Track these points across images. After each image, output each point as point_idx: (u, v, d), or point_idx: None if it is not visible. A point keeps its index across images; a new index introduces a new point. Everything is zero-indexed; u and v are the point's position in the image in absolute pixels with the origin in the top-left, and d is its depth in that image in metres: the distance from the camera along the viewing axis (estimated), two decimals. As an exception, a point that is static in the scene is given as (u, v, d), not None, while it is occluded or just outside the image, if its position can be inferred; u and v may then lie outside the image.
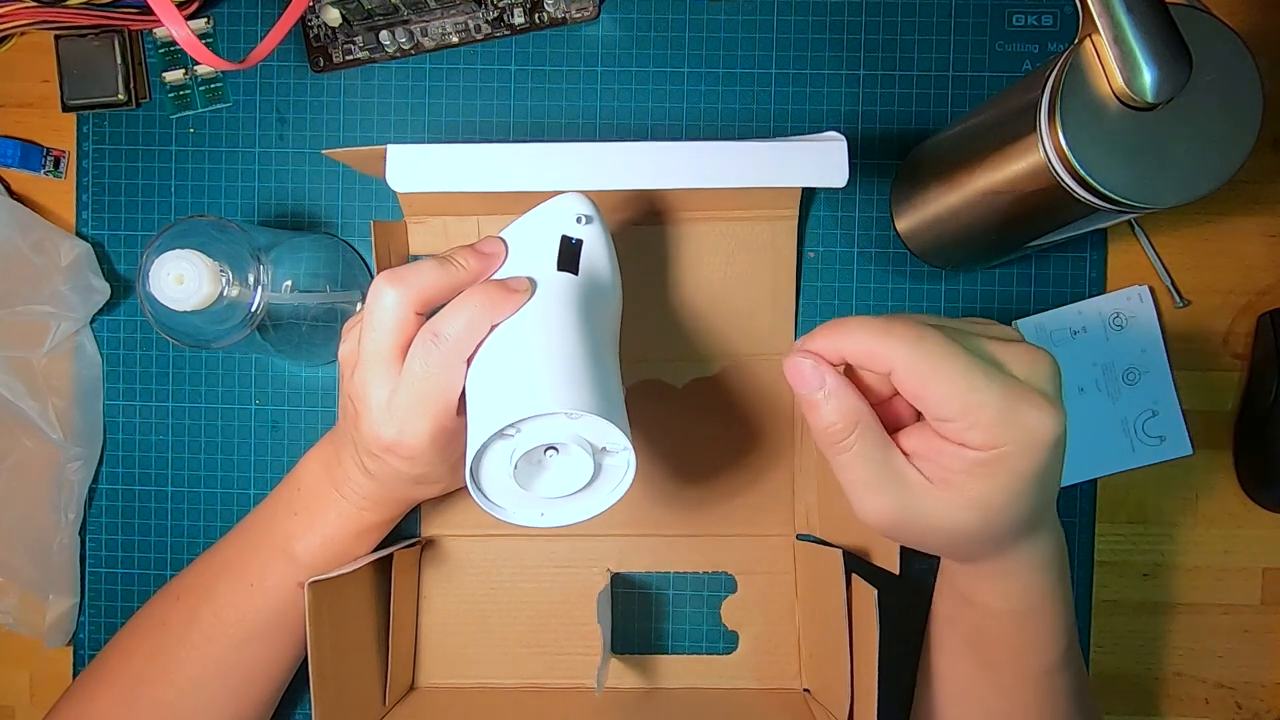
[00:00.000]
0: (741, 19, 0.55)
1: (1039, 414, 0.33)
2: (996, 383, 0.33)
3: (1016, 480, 0.34)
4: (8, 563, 0.54)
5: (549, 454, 0.39)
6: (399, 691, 0.52)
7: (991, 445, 0.33)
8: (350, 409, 0.43)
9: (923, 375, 0.33)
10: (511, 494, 0.39)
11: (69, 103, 0.54)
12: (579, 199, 0.44)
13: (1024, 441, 0.33)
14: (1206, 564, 0.55)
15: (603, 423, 0.36)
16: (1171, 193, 0.36)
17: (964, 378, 0.33)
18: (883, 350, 0.34)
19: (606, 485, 0.40)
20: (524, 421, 0.37)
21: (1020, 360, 0.34)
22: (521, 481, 0.38)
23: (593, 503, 0.40)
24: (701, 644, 0.55)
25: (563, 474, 0.39)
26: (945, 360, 0.33)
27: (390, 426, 0.41)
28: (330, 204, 0.56)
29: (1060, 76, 0.36)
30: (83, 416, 0.55)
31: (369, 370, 0.41)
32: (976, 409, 0.33)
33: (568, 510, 0.40)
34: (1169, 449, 0.54)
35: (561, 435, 0.37)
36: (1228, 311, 0.55)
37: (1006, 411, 0.33)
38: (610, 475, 0.39)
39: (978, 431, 0.33)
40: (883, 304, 0.55)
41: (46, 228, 0.54)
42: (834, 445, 0.36)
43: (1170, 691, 0.55)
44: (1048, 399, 0.34)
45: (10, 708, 0.56)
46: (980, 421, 0.33)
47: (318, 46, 0.55)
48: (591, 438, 0.38)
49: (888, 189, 0.55)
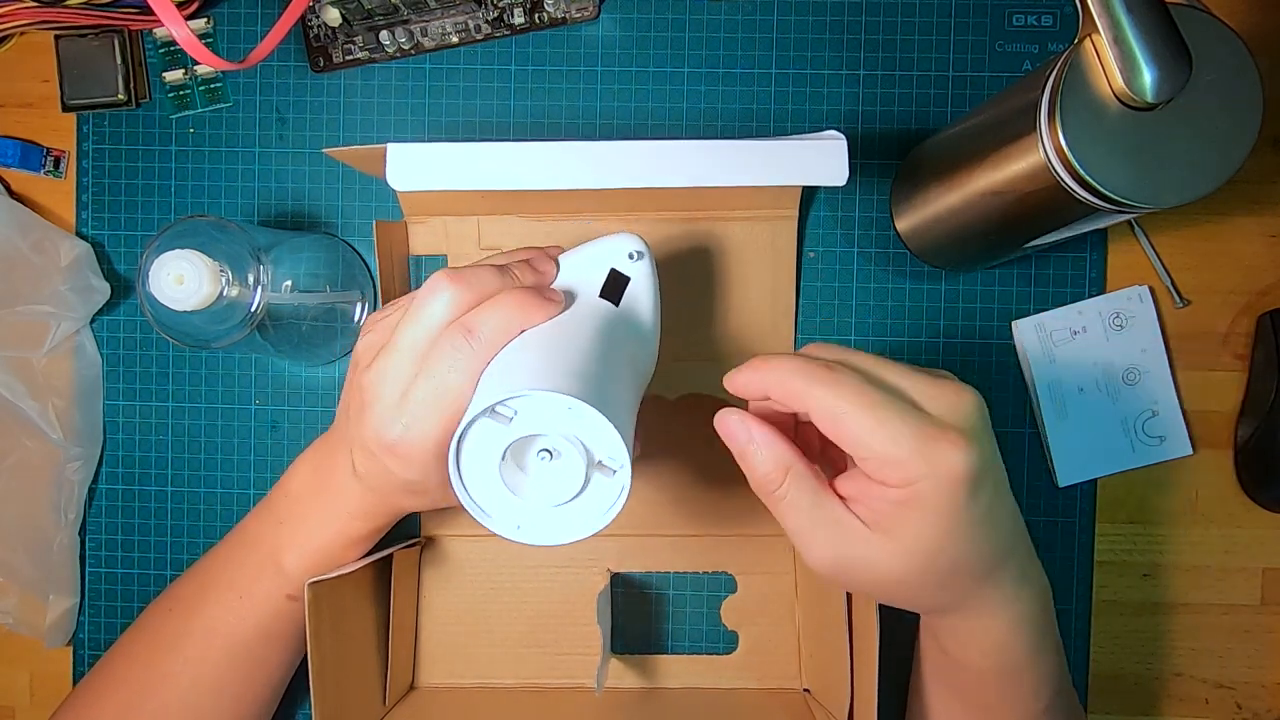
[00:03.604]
0: (741, 19, 0.55)
1: (952, 450, 0.33)
2: (910, 420, 0.33)
3: (940, 519, 0.34)
4: (8, 563, 0.54)
5: (540, 456, 0.36)
6: (399, 691, 0.53)
7: (907, 482, 0.33)
8: (356, 402, 0.42)
9: (836, 414, 0.34)
10: (494, 493, 0.37)
11: (69, 103, 0.54)
12: (635, 238, 0.43)
13: (938, 478, 0.33)
14: (1206, 564, 0.55)
15: (605, 426, 0.34)
16: (1171, 193, 0.36)
17: (874, 415, 0.33)
18: (799, 389, 0.34)
19: (595, 506, 0.37)
20: (521, 400, 0.35)
21: (939, 398, 0.35)
22: (507, 479, 0.36)
23: (577, 524, 0.37)
24: (701, 644, 0.55)
25: (551, 481, 0.37)
26: (857, 398, 0.34)
27: (397, 424, 0.40)
28: (330, 204, 0.56)
29: (1060, 76, 0.36)
30: (83, 416, 0.55)
31: (395, 360, 0.40)
32: (889, 445, 0.33)
33: (548, 528, 0.37)
34: (1169, 449, 0.54)
35: (559, 428, 0.35)
36: (1228, 311, 0.55)
37: (918, 448, 0.33)
38: (601, 495, 0.37)
39: (892, 469, 0.33)
40: (883, 304, 0.55)
41: (46, 228, 0.54)
42: (770, 495, 0.36)
43: (1170, 691, 0.55)
44: (963, 435, 0.34)
45: (10, 708, 0.56)
46: (893, 458, 0.33)
47: (318, 46, 0.55)
48: (590, 443, 0.36)
49: (888, 189, 0.55)
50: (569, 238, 0.53)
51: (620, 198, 0.52)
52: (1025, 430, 0.55)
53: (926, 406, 0.34)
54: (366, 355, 0.43)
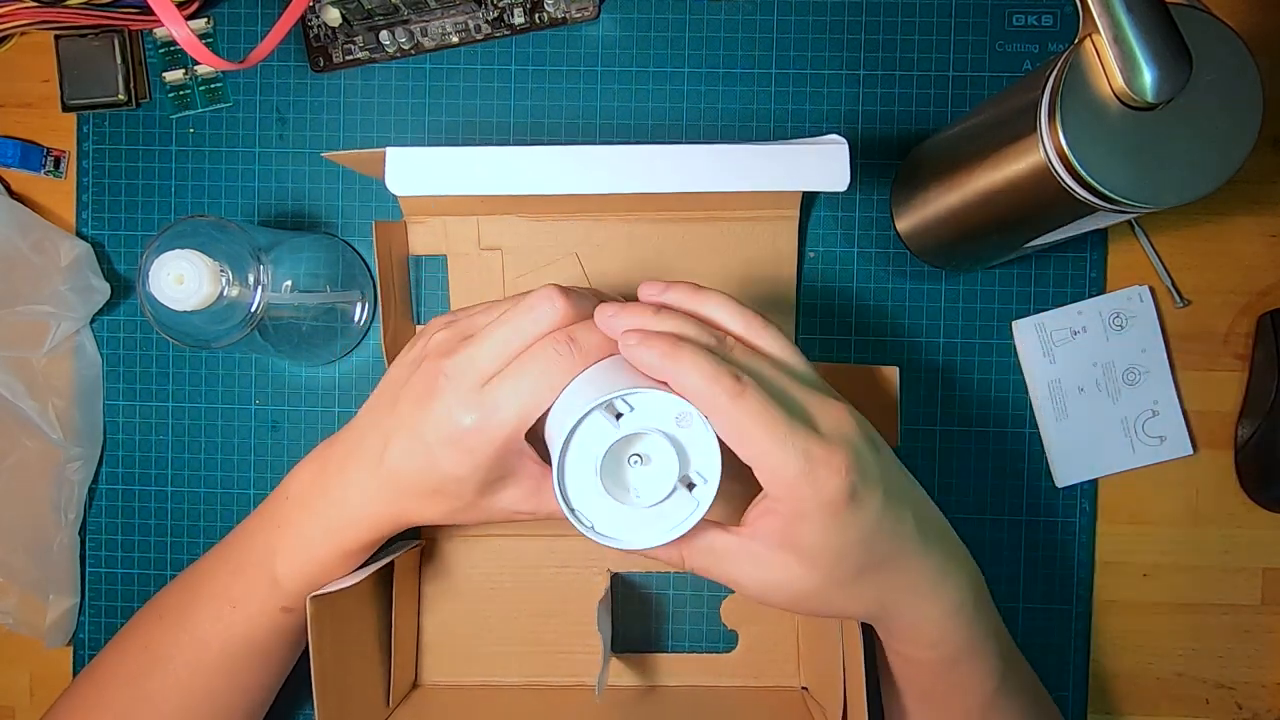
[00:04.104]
0: (741, 19, 0.55)
1: (833, 473, 0.36)
2: (800, 441, 0.36)
3: (831, 531, 0.37)
4: (8, 563, 0.54)
5: (632, 461, 0.37)
6: (402, 690, 0.53)
7: (797, 500, 0.36)
8: (422, 389, 0.41)
9: (740, 432, 0.36)
10: (589, 489, 0.37)
11: (69, 103, 0.54)
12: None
13: (820, 498, 0.36)
14: (1206, 564, 0.55)
15: (710, 439, 0.36)
16: (1171, 193, 0.36)
17: (772, 436, 0.36)
18: (706, 395, 0.36)
19: (672, 517, 0.37)
20: (641, 397, 0.36)
21: (827, 417, 0.37)
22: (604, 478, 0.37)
23: (648, 531, 0.37)
24: (701, 643, 0.55)
25: (641, 486, 0.37)
26: (761, 416, 0.36)
27: (471, 412, 0.39)
28: (330, 204, 0.56)
29: (1060, 76, 0.36)
30: (83, 416, 0.54)
31: (486, 350, 0.40)
32: (782, 467, 0.36)
33: (624, 530, 0.37)
34: (1169, 449, 0.54)
35: (671, 427, 0.36)
36: (1228, 311, 0.55)
37: (806, 470, 0.36)
38: (679, 508, 0.37)
39: (782, 488, 0.36)
40: (883, 304, 0.55)
41: (46, 228, 0.54)
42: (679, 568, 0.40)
43: (1170, 691, 0.55)
44: (845, 455, 0.36)
45: (10, 708, 0.56)
46: (783, 479, 0.36)
47: (318, 46, 0.55)
48: (692, 453, 0.37)
49: (888, 189, 0.55)
50: (570, 239, 0.54)
51: (621, 199, 0.52)
52: (1025, 430, 0.55)
53: (818, 424, 0.37)
54: (447, 344, 0.42)
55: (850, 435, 0.37)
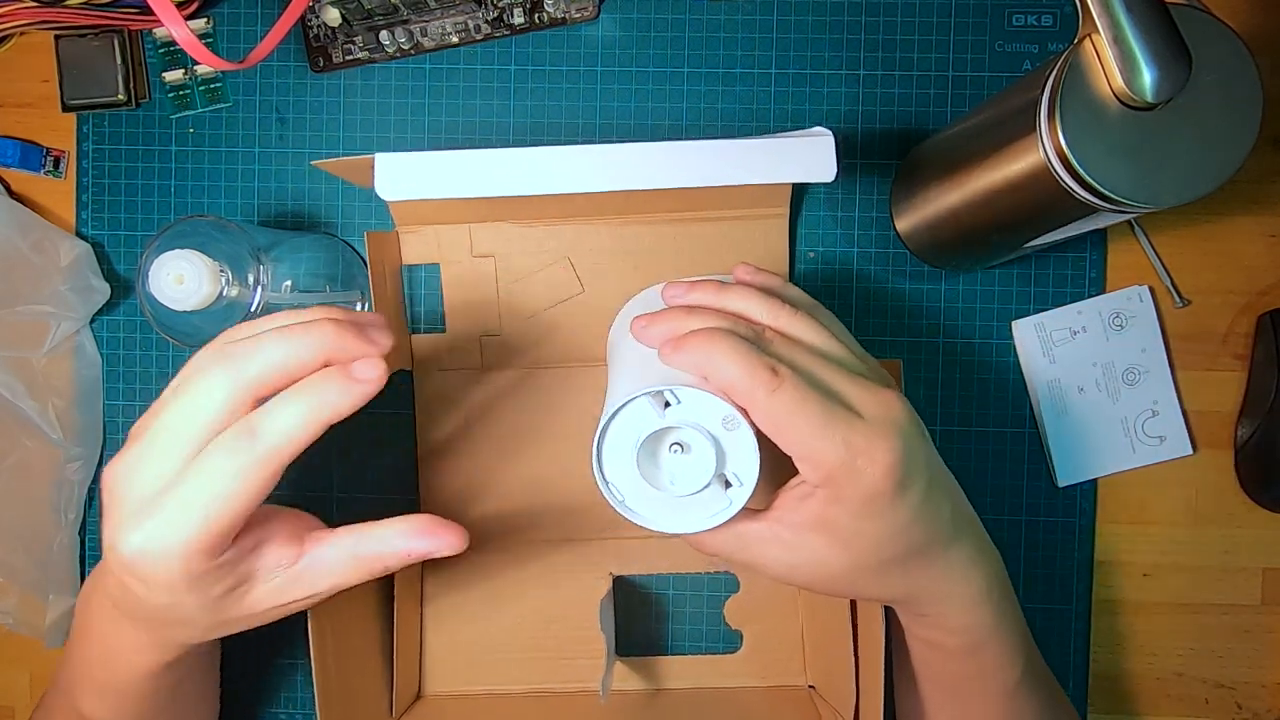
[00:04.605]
0: (741, 19, 0.55)
1: (876, 461, 0.35)
2: (840, 429, 0.35)
3: (870, 518, 0.37)
4: (8, 563, 0.54)
5: (673, 449, 0.38)
6: (406, 702, 0.52)
7: (837, 486, 0.36)
8: (105, 496, 0.36)
9: (777, 421, 0.36)
10: (626, 471, 0.37)
11: (69, 103, 0.54)
12: None
13: (861, 485, 0.36)
14: (1206, 564, 0.55)
15: (752, 446, 0.37)
16: (1171, 193, 0.36)
17: (810, 425, 0.35)
18: (743, 389, 0.36)
19: (705, 509, 0.38)
20: (694, 392, 0.36)
21: (871, 404, 0.37)
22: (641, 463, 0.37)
23: (681, 518, 0.38)
24: (703, 644, 0.55)
25: (678, 474, 0.38)
26: (799, 406, 0.35)
27: (139, 532, 0.33)
28: (330, 204, 0.56)
29: (1060, 76, 0.36)
30: (83, 416, 0.54)
31: (157, 448, 0.34)
32: (822, 455, 0.35)
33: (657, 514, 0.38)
34: (1169, 449, 0.54)
35: (716, 426, 0.37)
36: (1228, 311, 0.55)
37: (847, 459, 0.35)
38: (713, 502, 0.38)
39: (823, 474, 0.36)
40: (882, 304, 0.55)
41: (46, 228, 0.54)
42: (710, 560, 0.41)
43: (1170, 691, 0.55)
44: (889, 443, 0.36)
45: (10, 708, 0.56)
46: (824, 466, 0.36)
47: (318, 46, 0.55)
48: (731, 452, 0.37)
49: (888, 189, 0.55)
50: (562, 243, 0.54)
51: (612, 202, 0.52)
52: (1025, 430, 0.55)
53: (861, 411, 0.37)
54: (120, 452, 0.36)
55: (896, 422, 0.37)
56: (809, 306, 0.42)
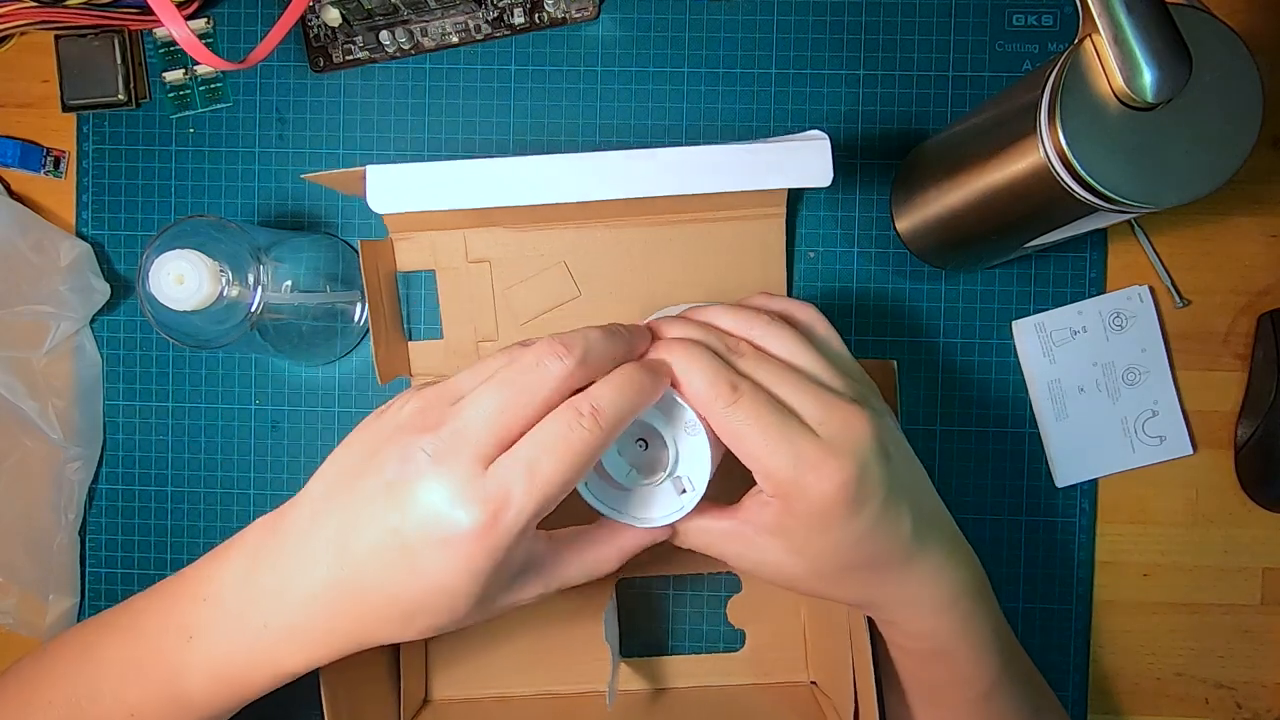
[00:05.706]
0: (741, 19, 0.55)
1: (825, 478, 0.36)
2: (794, 444, 0.36)
3: (819, 531, 0.37)
4: (8, 563, 0.54)
5: (639, 444, 0.39)
6: (413, 707, 0.52)
7: (787, 499, 0.37)
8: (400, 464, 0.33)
9: (735, 433, 0.36)
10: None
11: (69, 103, 0.54)
12: None
13: (810, 500, 0.36)
14: (1206, 564, 0.55)
15: (709, 457, 0.38)
16: (1171, 193, 0.36)
17: (765, 438, 0.36)
18: (703, 399, 0.36)
19: (654, 506, 0.39)
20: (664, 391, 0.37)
21: (830, 422, 0.37)
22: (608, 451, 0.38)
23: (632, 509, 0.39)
24: (703, 644, 0.55)
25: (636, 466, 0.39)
26: (755, 421, 0.36)
27: (472, 504, 0.31)
28: (330, 204, 0.56)
29: (1060, 76, 0.36)
30: (83, 416, 0.55)
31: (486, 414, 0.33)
32: (775, 469, 0.36)
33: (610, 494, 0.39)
34: (1169, 449, 0.54)
35: (679, 430, 0.38)
36: (1228, 311, 0.55)
37: (797, 474, 0.36)
38: (663, 500, 0.39)
39: (774, 486, 0.37)
40: (882, 304, 0.55)
41: (46, 228, 0.54)
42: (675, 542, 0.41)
43: (1170, 691, 0.55)
44: (842, 461, 0.36)
45: (10, 708, 0.56)
46: (775, 479, 0.36)
47: (318, 46, 0.55)
48: (686, 457, 0.38)
49: (888, 189, 0.55)
50: (557, 247, 0.54)
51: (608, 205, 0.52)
52: (1025, 430, 0.55)
53: (818, 429, 0.37)
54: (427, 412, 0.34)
55: (856, 439, 0.37)
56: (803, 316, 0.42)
